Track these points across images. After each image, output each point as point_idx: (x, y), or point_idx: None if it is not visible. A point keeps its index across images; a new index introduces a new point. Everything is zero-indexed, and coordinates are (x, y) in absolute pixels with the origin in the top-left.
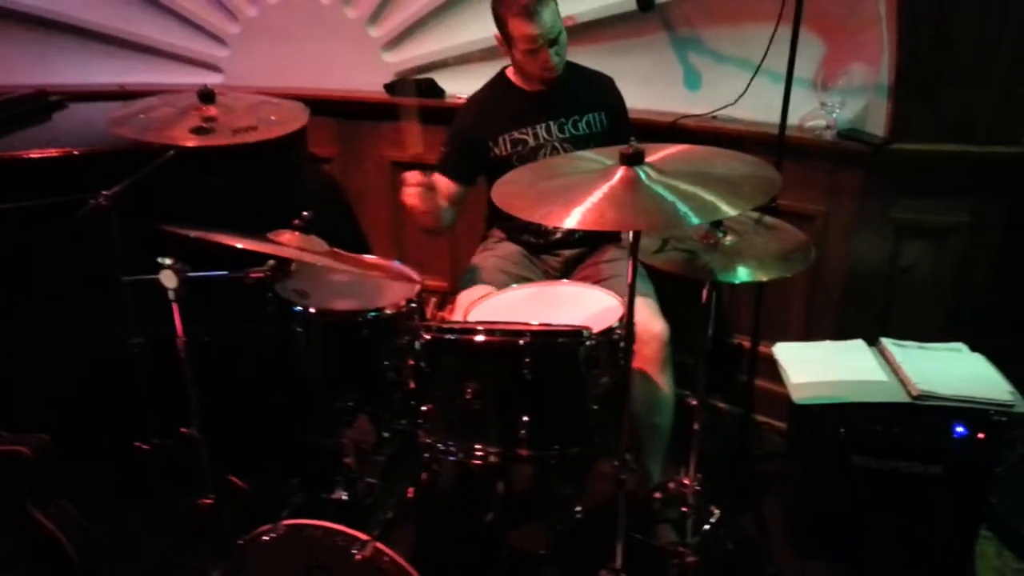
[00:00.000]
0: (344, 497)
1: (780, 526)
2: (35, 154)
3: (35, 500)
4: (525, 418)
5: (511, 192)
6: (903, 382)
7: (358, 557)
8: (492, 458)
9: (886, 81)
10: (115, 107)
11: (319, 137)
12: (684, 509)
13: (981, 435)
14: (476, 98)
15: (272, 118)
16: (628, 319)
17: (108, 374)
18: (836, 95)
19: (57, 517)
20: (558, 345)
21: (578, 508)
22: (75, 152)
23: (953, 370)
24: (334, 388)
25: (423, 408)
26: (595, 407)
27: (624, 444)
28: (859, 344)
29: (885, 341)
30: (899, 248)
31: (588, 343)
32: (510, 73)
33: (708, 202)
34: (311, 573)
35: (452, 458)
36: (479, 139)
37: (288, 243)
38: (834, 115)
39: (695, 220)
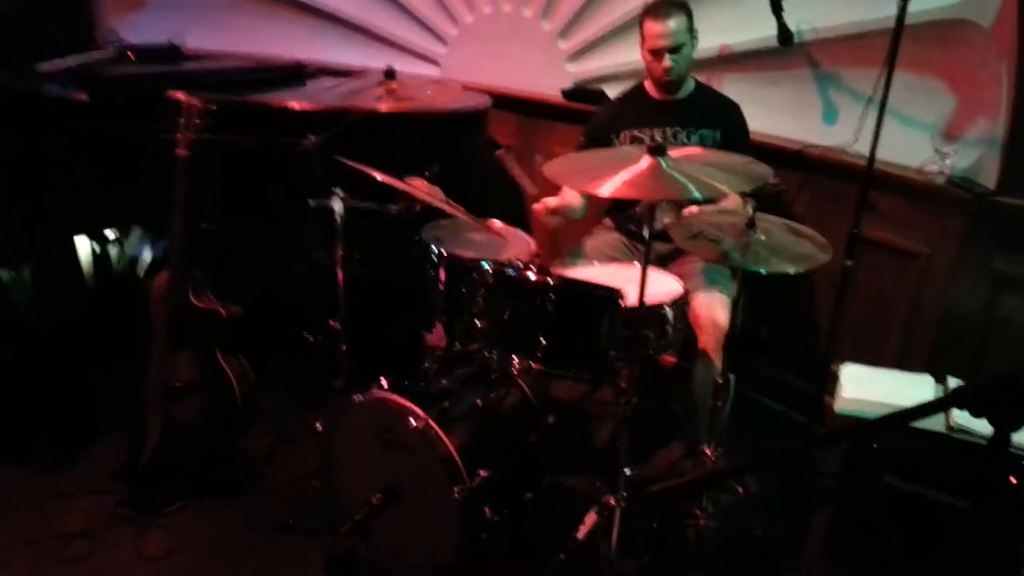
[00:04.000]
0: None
1: (817, 531)
2: (274, 102)
3: (222, 349)
4: (542, 340)
5: (562, 166)
6: (947, 415)
7: (413, 425)
8: (516, 366)
9: (1001, 136)
10: (336, 80)
11: (503, 128)
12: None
13: (1012, 479)
14: (613, 99)
15: (428, 93)
16: (640, 292)
17: (295, 280)
18: (952, 144)
19: (234, 365)
20: (578, 292)
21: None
22: (294, 107)
23: None
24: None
25: (478, 324)
26: (612, 353)
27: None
28: (925, 378)
29: (951, 379)
30: (997, 297)
31: (611, 300)
32: (646, 83)
33: (706, 183)
34: (382, 432)
35: (495, 364)
36: (606, 133)
37: (418, 187)
38: (948, 161)
39: (696, 194)
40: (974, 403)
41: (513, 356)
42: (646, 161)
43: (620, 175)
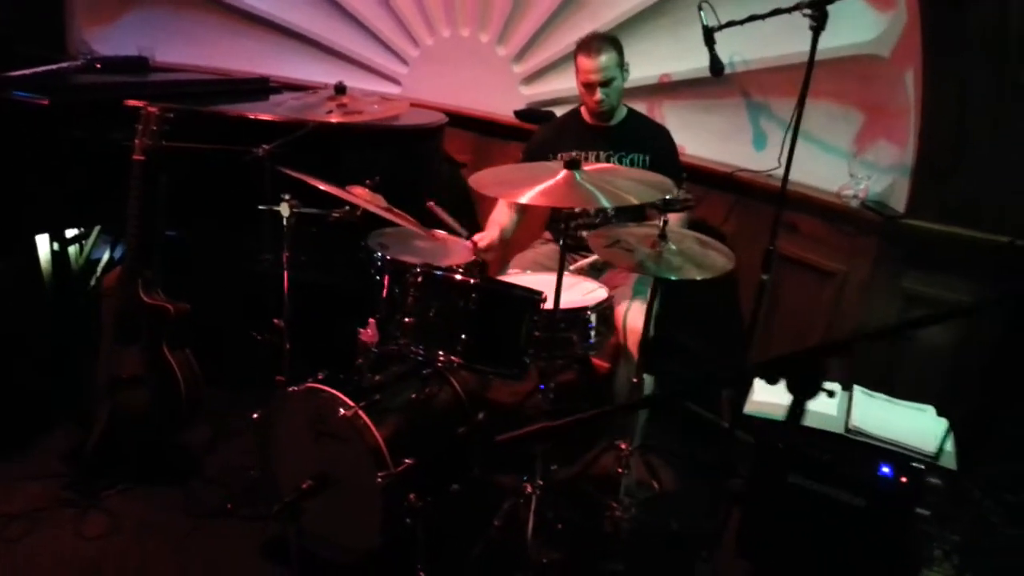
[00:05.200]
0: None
1: (730, 527)
2: (231, 113)
3: (168, 343)
4: (463, 336)
5: (488, 178)
6: (847, 419)
7: (342, 413)
8: (440, 361)
9: (911, 162)
10: (296, 95)
11: (459, 145)
12: (620, 470)
13: (904, 478)
14: (550, 123)
15: (375, 107)
16: (556, 299)
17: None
18: (866, 169)
19: (180, 359)
20: (500, 293)
21: (553, 467)
22: (249, 117)
23: (900, 420)
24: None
25: (407, 321)
26: (530, 351)
27: None
28: (833, 385)
29: (857, 388)
30: (906, 314)
31: (530, 301)
32: (582, 109)
33: (614, 193)
34: (315, 421)
35: (420, 358)
36: (544, 153)
37: (359, 195)
38: (862, 185)
39: (605, 203)
40: (771, 374)
41: (439, 352)
42: (562, 174)
43: (538, 186)
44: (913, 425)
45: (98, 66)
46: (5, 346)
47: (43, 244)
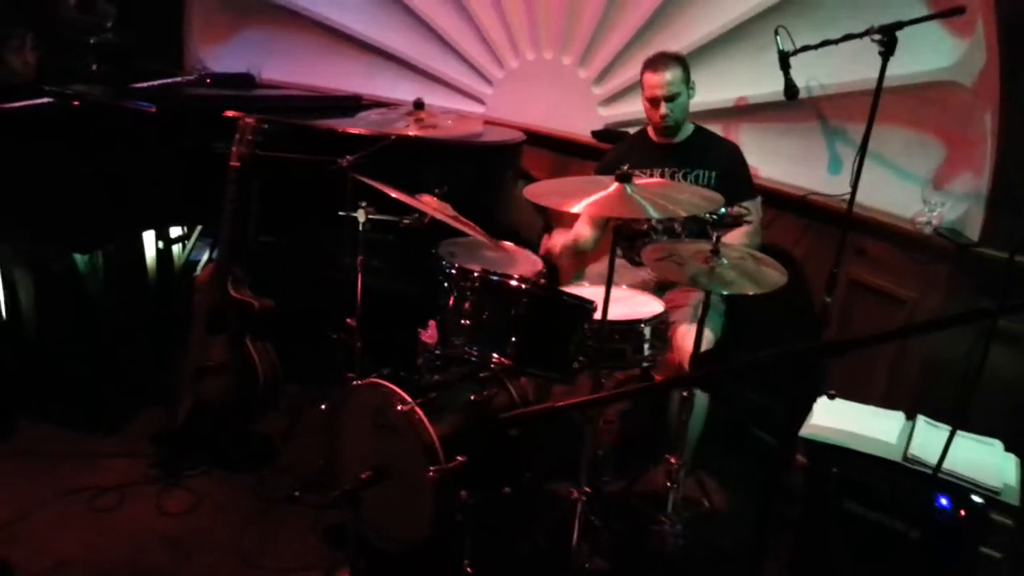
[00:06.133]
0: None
1: (781, 549)
2: (320, 126)
3: (251, 336)
4: (514, 339)
5: (542, 189)
6: (907, 447)
7: (400, 408)
8: (492, 362)
9: (986, 190)
10: (380, 111)
11: (539, 163)
12: (669, 484)
13: (963, 511)
14: (618, 144)
15: (449, 123)
16: (604, 306)
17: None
18: (941, 196)
19: (261, 351)
20: (553, 300)
21: (606, 478)
22: (335, 130)
23: (963, 452)
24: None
25: (463, 323)
26: (580, 358)
27: None
28: (897, 414)
29: (921, 417)
30: (978, 345)
31: (582, 310)
32: (648, 129)
33: (662, 205)
34: (377, 415)
35: (475, 359)
36: (611, 171)
37: (427, 203)
38: (936, 212)
39: (653, 214)
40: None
41: (492, 353)
42: (614, 186)
43: (590, 197)
44: (977, 458)
45: (208, 81)
46: (108, 332)
47: (149, 242)
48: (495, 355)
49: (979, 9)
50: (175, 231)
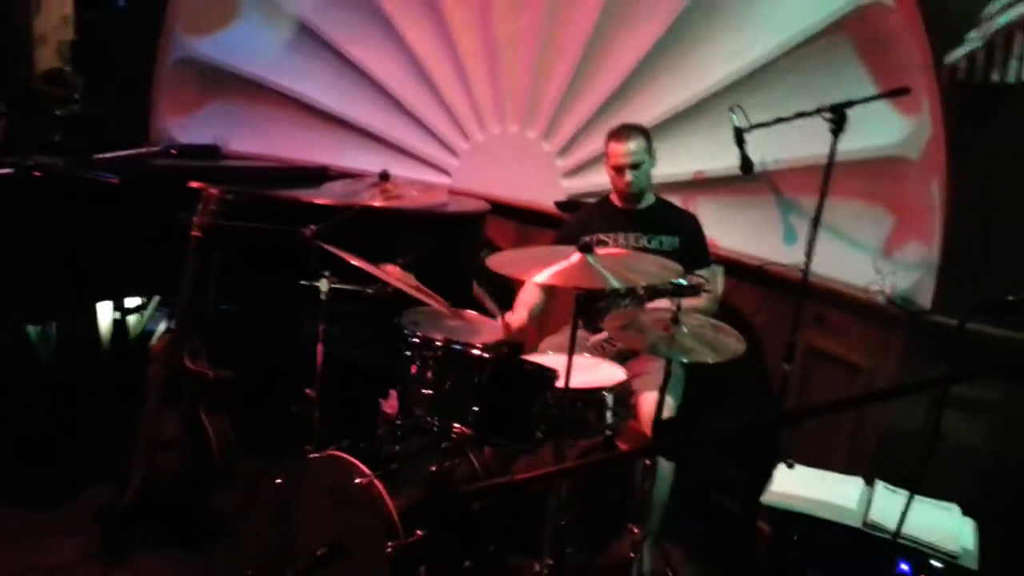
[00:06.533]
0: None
1: None
2: (285, 196)
3: (206, 408)
4: (475, 408)
5: (505, 259)
6: (866, 512)
7: (358, 481)
8: (454, 432)
9: (936, 260)
10: (346, 182)
11: (502, 232)
12: (631, 555)
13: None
14: (583, 207)
15: (414, 193)
16: (567, 374)
17: (283, 352)
18: (892, 265)
19: (216, 424)
20: (515, 369)
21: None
22: (300, 200)
23: (922, 517)
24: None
25: (425, 392)
26: (542, 427)
27: None
28: (856, 480)
29: (879, 483)
30: (933, 411)
31: (544, 379)
32: (612, 195)
33: (624, 274)
34: (335, 489)
35: (435, 429)
36: (577, 235)
37: (391, 273)
38: (887, 281)
39: (616, 284)
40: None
41: (454, 424)
42: (576, 256)
43: (552, 267)
44: (936, 523)
45: (174, 152)
46: (57, 401)
47: (105, 312)
48: (456, 424)
49: (924, 89)
50: (132, 301)
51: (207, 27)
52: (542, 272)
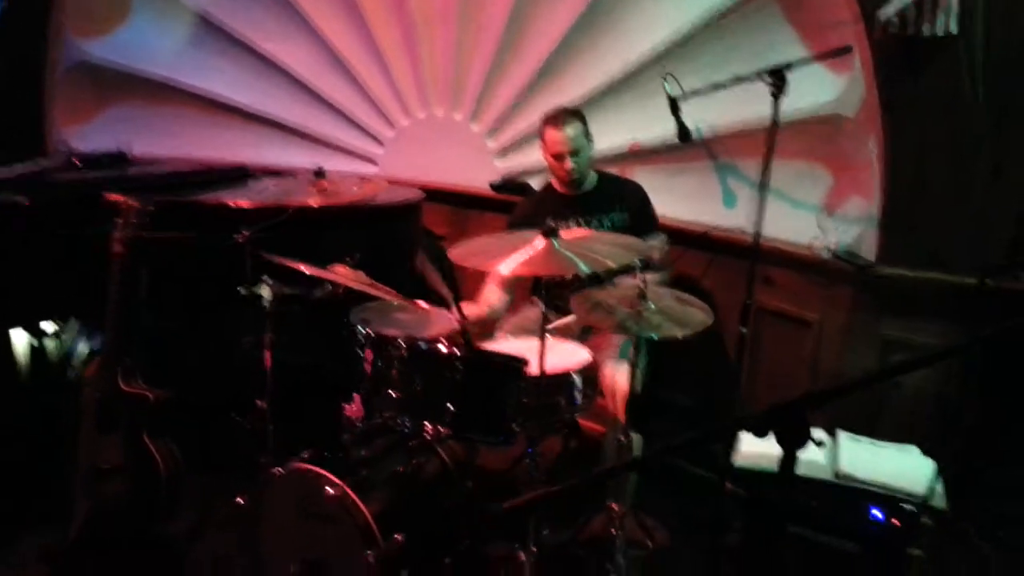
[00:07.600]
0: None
1: None
2: (212, 201)
3: (149, 431)
4: (450, 406)
5: (468, 250)
6: (836, 464)
7: (330, 493)
8: (427, 433)
9: (877, 213)
10: (276, 180)
11: (437, 219)
12: (613, 531)
13: (896, 521)
14: (529, 197)
15: (354, 189)
16: (540, 361)
17: (226, 365)
18: (835, 221)
19: (161, 447)
20: (485, 362)
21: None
22: (229, 204)
23: (887, 463)
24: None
25: (393, 394)
26: (518, 419)
27: None
28: (821, 434)
29: (841, 433)
30: (886, 360)
31: (516, 369)
32: (553, 181)
33: (593, 258)
34: (303, 503)
35: (406, 431)
36: (525, 227)
37: (341, 273)
38: (831, 237)
39: (585, 269)
40: (757, 427)
41: (425, 423)
42: (540, 242)
43: (517, 255)
44: (900, 467)
45: (78, 163)
46: None
47: (20, 339)
48: (429, 425)
49: (856, 46)
50: (48, 325)
51: (98, 28)
52: (507, 260)
